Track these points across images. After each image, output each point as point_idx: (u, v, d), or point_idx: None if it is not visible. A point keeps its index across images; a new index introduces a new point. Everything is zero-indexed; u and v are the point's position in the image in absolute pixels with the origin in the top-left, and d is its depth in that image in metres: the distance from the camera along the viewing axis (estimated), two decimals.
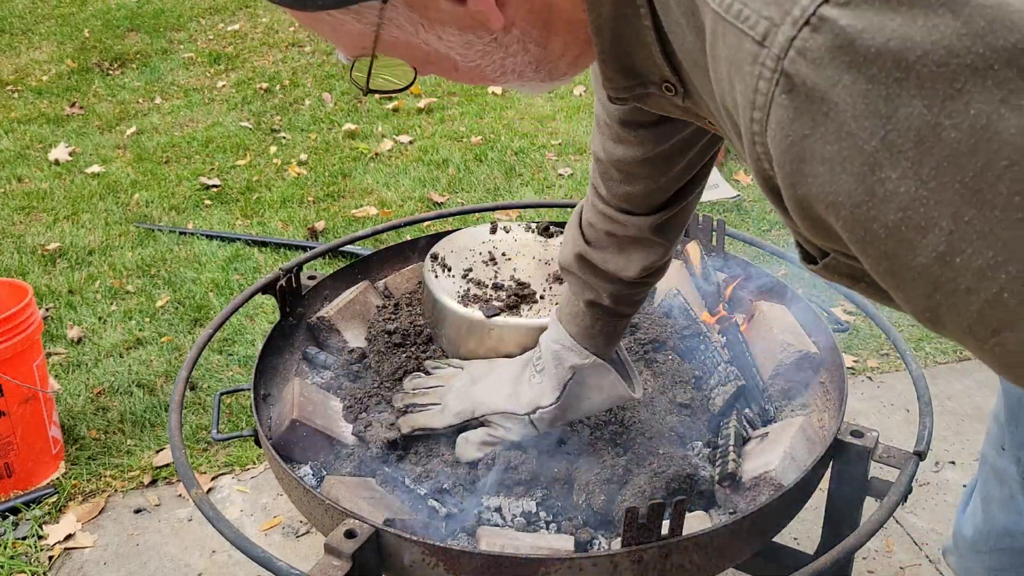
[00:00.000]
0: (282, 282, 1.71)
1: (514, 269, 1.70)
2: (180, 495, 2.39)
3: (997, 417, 1.32)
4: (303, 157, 4.20)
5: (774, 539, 1.43)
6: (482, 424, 1.43)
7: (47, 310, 3.08)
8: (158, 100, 4.87)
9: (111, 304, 3.13)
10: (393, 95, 0.97)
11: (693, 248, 1.88)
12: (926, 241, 0.57)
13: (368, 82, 0.80)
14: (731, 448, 1.47)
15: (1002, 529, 1.34)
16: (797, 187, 0.61)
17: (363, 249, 3.00)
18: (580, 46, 0.81)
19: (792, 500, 1.34)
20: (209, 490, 2.39)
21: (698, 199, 1.26)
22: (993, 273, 0.56)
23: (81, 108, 4.76)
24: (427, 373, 1.59)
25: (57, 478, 2.43)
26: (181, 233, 3.56)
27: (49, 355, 2.83)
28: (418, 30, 0.76)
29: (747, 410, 1.58)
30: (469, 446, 1.43)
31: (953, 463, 2.44)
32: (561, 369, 1.34)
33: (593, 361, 1.33)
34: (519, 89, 0.86)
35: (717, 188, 3.78)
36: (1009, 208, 0.54)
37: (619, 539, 1.19)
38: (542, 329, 1.57)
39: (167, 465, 2.47)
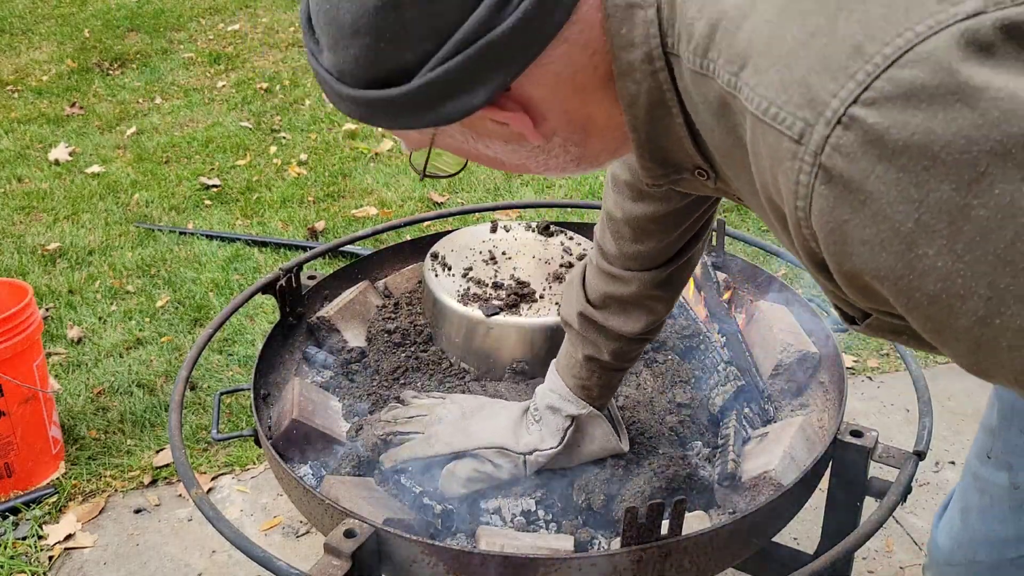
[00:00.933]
0: (282, 282, 1.71)
1: (514, 268, 1.70)
2: (180, 495, 2.39)
3: (986, 425, 1.32)
4: (303, 157, 4.20)
5: (774, 539, 1.43)
6: (471, 457, 1.40)
7: (47, 310, 3.08)
8: (158, 100, 4.87)
9: (111, 304, 3.13)
10: (447, 178, 1.09)
11: None
12: (966, 307, 0.62)
13: (425, 170, 0.92)
14: (731, 448, 1.47)
15: (981, 538, 1.33)
16: (843, 264, 0.67)
17: (363, 249, 3.00)
18: (617, 142, 0.88)
19: (792, 500, 1.34)
20: (209, 490, 2.39)
21: (700, 253, 1.32)
22: None
23: (81, 108, 4.76)
24: (404, 404, 1.53)
25: (57, 478, 2.43)
26: (181, 233, 3.56)
27: (49, 355, 2.83)
28: (467, 140, 0.86)
29: (747, 410, 1.59)
30: (454, 480, 1.40)
31: (953, 463, 2.43)
32: (559, 418, 1.37)
33: (589, 412, 1.37)
34: (560, 177, 0.96)
35: None
36: None
37: (619, 539, 1.19)
38: (542, 328, 1.57)
39: (167, 465, 2.47)
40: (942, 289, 0.62)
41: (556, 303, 1.60)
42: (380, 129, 4.39)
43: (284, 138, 4.41)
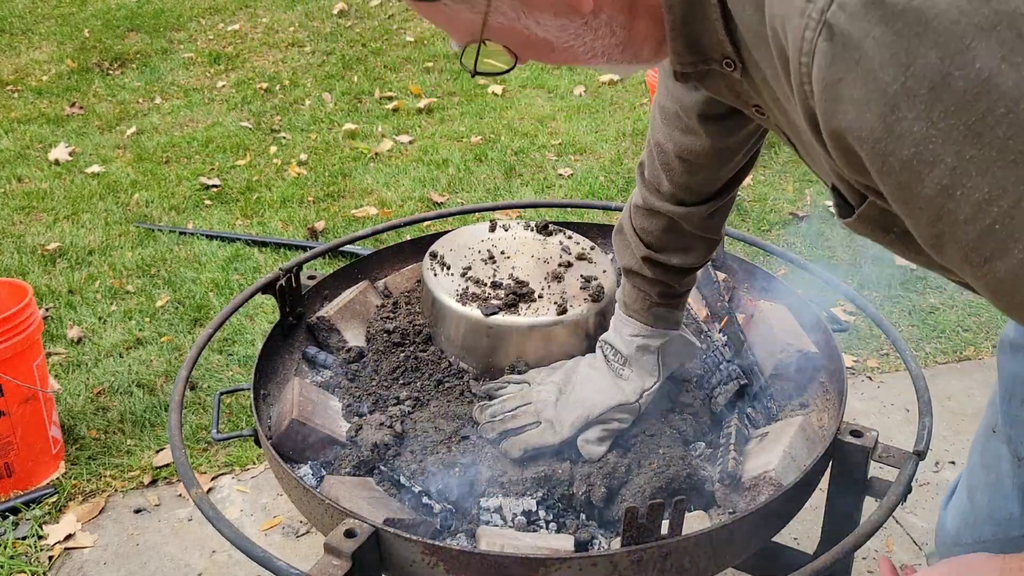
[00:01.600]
0: (282, 282, 1.71)
1: (513, 268, 1.69)
2: (180, 495, 2.39)
3: (992, 401, 1.34)
4: (303, 157, 4.20)
5: (774, 539, 1.43)
6: (593, 423, 1.47)
7: (47, 310, 3.08)
8: (158, 100, 4.87)
9: (111, 304, 3.13)
10: (497, 77, 1.15)
11: None
12: (933, 175, 0.69)
13: (476, 66, 0.93)
14: (732, 447, 1.47)
15: (986, 516, 1.35)
16: (830, 122, 0.73)
17: (363, 249, 3.00)
18: (661, 31, 0.92)
19: (792, 500, 1.34)
20: (209, 490, 2.40)
21: (736, 189, 1.40)
22: (987, 207, 0.68)
23: (81, 108, 4.76)
24: (490, 397, 1.54)
25: (57, 478, 2.43)
26: (181, 233, 3.56)
27: (49, 355, 2.83)
28: (519, 16, 0.89)
29: (749, 409, 1.58)
30: (593, 445, 1.45)
31: (953, 463, 2.43)
32: (650, 355, 1.46)
33: (671, 336, 1.48)
34: (608, 70, 0.99)
35: None
36: (1004, 150, 0.65)
37: (619, 539, 1.19)
38: (540, 328, 1.57)
39: (167, 465, 2.47)
40: (914, 154, 0.68)
41: (555, 303, 1.60)
42: (382, 136, 4.38)
43: (284, 138, 4.41)
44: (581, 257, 1.73)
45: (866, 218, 0.83)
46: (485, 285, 1.64)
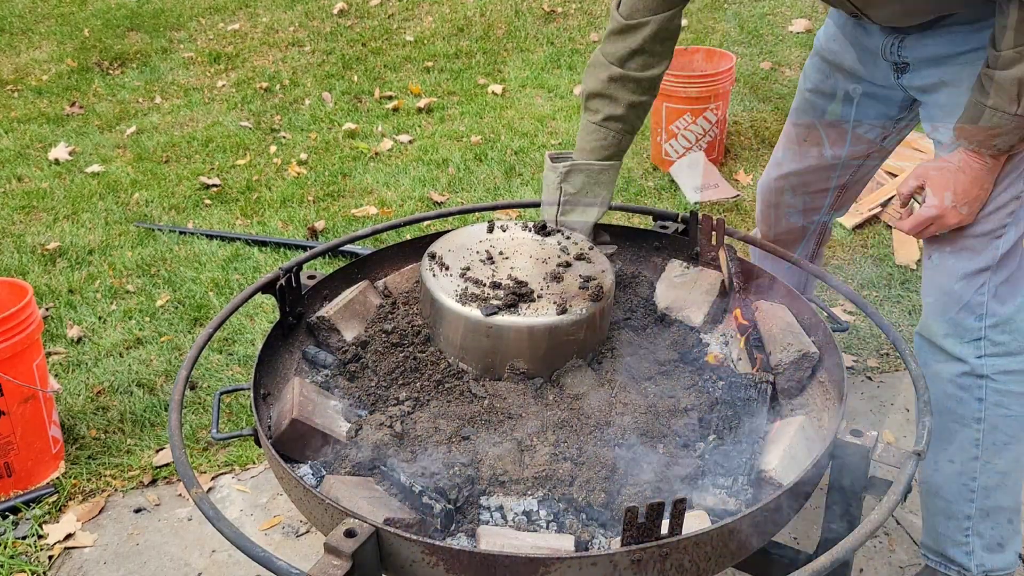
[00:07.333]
0: (282, 281, 1.71)
1: (512, 268, 1.69)
2: (180, 494, 2.39)
3: None
4: (303, 157, 4.20)
5: (774, 539, 1.43)
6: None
7: (47, 310, 3.08)
8: (158, 100, 4.87)
9: (111, 304, 3.13)
10: None
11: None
12: None
13: None
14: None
15: None
16: None
17: (363, 249, 3.00)
18: None
19: (792, 500, 1.34)
20: (209, 489, 2.40)
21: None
22: None
23: (81, 108, 4.76)
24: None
25: (57, 477, 2.43)
26: (181, 233, 3.56)
27: (49, 355, 2.83)
28: None
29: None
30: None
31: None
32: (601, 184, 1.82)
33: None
34: None
35: (717, 188, 3.77)
36: None
37: (619, 539, 1.19)
38: (540, 328, 1.57)
39: (167, 464, 2.48)
40: None
41: (554, 303, 1.60)
42: (382, 135, 4.38)
43: (284, 138, 4.41)
44: (580, 257, 1.73)
45: None
46: (484, 285, 1.64)
